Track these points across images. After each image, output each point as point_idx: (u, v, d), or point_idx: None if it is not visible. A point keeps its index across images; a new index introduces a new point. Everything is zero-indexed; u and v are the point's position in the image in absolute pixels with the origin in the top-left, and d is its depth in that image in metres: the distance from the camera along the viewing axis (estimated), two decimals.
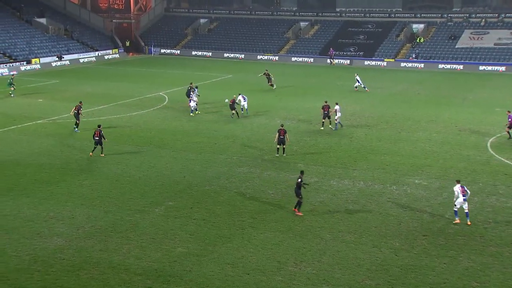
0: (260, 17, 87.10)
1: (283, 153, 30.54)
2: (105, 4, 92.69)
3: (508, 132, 34.21)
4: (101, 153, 30.03)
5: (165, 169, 28.16)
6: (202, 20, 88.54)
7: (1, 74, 60.87)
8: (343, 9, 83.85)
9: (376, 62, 72.44)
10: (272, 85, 52.12)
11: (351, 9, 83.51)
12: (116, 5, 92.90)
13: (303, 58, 75.92)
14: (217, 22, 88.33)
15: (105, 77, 58.41)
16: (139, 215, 22.31)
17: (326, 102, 37.63)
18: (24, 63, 65.54)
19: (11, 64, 63.78)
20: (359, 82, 51.12)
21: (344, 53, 75.43)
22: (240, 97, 40.24)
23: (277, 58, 77.09)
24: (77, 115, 35.25)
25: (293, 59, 76.03)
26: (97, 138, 29.77)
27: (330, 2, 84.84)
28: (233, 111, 39.50)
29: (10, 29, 71.99)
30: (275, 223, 21.74)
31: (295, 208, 22.63)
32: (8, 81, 48.42)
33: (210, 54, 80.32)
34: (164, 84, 53.96)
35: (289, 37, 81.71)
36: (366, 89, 51.09)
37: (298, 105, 44.93)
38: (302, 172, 23.29)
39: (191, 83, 43.36)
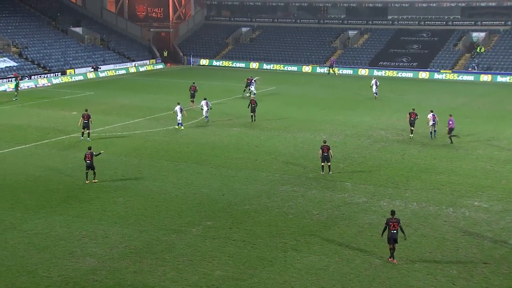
0: (306, 25, 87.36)
1: (329, 171, 30.43)
2: (143, 12, 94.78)
3: (450, 137, 36.80)
4: (94, 178, 28.84)
5: (203, 187, 28.40)
6: (243, 29, 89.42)
7: (36, 86, 62.83)
8: (396, 16, 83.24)
9: (432, 73, 71.48)
10: (248, 92, 53.82)
11: (404, 17, 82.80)
12: (154, 13, 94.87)
13: (352, 69, 75.58)
14: (260, 31, 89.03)
15: (141, 89, 59.56)
16: (175, 235, 22.54)
17: (413, 109, 39.25)
18: (59, 74, 67.52)
19: (45, 75, 65.81)
20: (376, 87, 53.67)
21: (396, 64, 74.77)
22: (203, 102, 42.47)
23: (324, 70, 76.95)
24: (87, 124, 36.70)
25: (340, 70, 75.76)
26: (89, 161, 28.59)
27: (381, 10, 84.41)
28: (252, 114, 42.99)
29: (45, 39, 74.41)
30: (320, 246, 21.59)
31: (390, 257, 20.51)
32: (15, 83, 52.55)
33: (252, 64, 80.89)
34: (203, 96, 54.52)
35: (337, 46, 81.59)
36: (376, 95, 53.59)
37: (345, 120, 44.70)
38: (393, 213, 20.75)
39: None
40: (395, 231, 20.11)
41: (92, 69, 71.80)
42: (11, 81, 60.86)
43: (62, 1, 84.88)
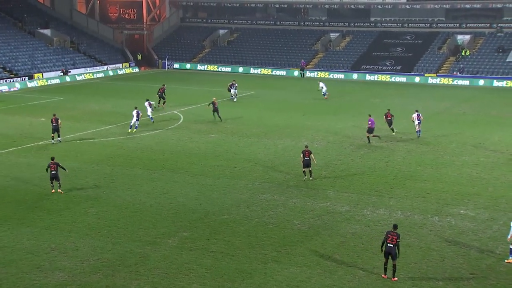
0: (286, 27, 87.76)
1: (310, 176, 30.63)
2: (115, 13, 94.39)
3: (368, 137, 38.55)
4: (59, 189, 28.41)
5: (179, 196, 28.32)
6: (221, 31, 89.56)
7: (1, 91, 62.13)
8: (378, 18, 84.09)
9: (416, 77, 72.25)
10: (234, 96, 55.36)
11: (387, 19, 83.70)
12: (127, 14, 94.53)
13: (333, 73, 76.08)
14: (238, 33, 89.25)
15: (114, 94, 59.25)
16: (150, 247, 22.42)
17: (388, 110, 41.43)
18: (26, 78, 66.85)
19: (11, 80, 65.10)
20: (324, 89, 57.04)
21: (380, 67, 75.44)
22: (146, 104, 44.07)
23: (308, 74, 77.27)
24: (56, 127, 37.95)
25: (323, 73, 76.18)
26: (54, 172, 28.17)
27: (363, 11, 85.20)
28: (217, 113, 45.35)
29: (11, 42, 73.66)
30: (302, 257, 21.64)
31: (393, 277, 20.07)
32: None
33: (229, 68, 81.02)
34: (179, 101, 54.48)
35: (318, 49, 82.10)
36: (325, 95, 56.93)
37: (328, 125, 44.92)
38: (395, 227, 20.38)
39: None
40: (391, 245, 19.80)
41: (62, 73, 71.23)
42: None
43: (29, 1, 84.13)
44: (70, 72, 72.19)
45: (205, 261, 21.27)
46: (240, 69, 79.98)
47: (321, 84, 58.37)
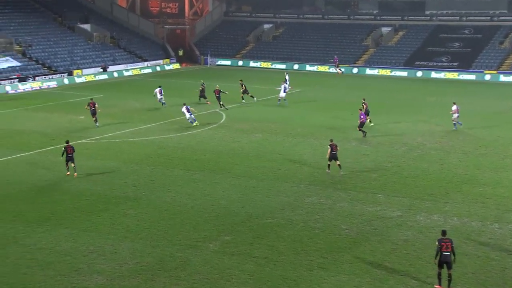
0: (334, 21, 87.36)
1: (340, 169, 31.76)
2: (157, 8, 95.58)
3: (361, 130, 39.93)
4: (75, 172, 31.35)
5: (221, 198, 28.49)
6: (266, 26, 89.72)
7: (40, 87, 63.67)
8: (434, 11, 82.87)
9: (474, 74, 70.91)
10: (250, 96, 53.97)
11: (444, 12, 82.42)
12: (168, 9, 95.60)
13: (385, 70, 75.33)
14: (284, 28, 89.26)
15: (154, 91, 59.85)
16: (190, 251, 22.62)
17: (364, 99, 44.02)
18: (65, 75, 68.32)
19: (50, 76, 66.65)
20: (286, 83, 56.54)
21: (435, 64, 74.34)
22: (183, 109, 43.48)
23: (356, 70, 76.82)
24: (94, 112, 42.98)
25: (372, 71, 75.54)
26: (70, 154, 31.25)
27: (418, 4, 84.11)
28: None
29: (51, 37, 75.44)
30: (350, 265, 21.50)
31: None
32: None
33: (275, 64, 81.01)
34: (222, 99, 54.73)
35: (368, 44, 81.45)
36: (289, 87, 56.42)
37: (378, 125, 44.49)
38: (444, 233, 20.21)
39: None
40: (448, 253, 19.51)
41: (101, 70, 72.53)
42: (13, 82, 61.77)
43: None
44: (109, 68, 73.40)
45: (248, 266, 21.33)
46: (296, 66, 79.51)
47: (286, 77, 59.39)
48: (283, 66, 79.33)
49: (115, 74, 73.16)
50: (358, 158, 35.56)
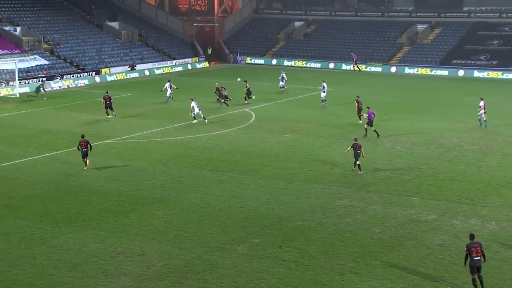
0: (368, 18, 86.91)
1: (360, 169, 32.12)
2: (185, 5, 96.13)
3: (366, 129, 40.48)
4: (85, 166, 33.08)
5: (250, 200, 28.54)
6: (297, 23, 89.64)
7: (68, 86, 64.52)
8: (472, 8, 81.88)
9: None
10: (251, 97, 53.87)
11: (483, 8, 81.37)
12: (197, 6, 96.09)
13: (420, 69, 74.68)
14: (315, 26, 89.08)
15: (183, 90, 60.28)
16: (218, 253, 22.71)
17: (358, 96, 45.02)
18: (93, 73, 69.11)
19: (78, 75, 67.49)
20: (282, 81, 58.28)
21: (473, 62, 73.44)
22: (193, 104, 44.25)
23: (394, 69, 76.32)
24: (110, 105, 46.25)
25: (411, 69, 74.93)
26: (85, 149, 32.82)
27: (455, 0, 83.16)
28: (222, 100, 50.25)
29: (79, 35, 76.40)
30: (382, 270, 21.36)
31: None
32: (39, 84, 56.61)
33: (305, 63, 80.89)
34: (250, 99, 54.86)
35: (403, 42, 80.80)
36: (283, 88, 58.17)
37: (412, 126, 44.19)
38: (473, 237, 20.15)
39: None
40: (478, 258, 19.40)
41: (129, 68, 73.20)
42: (41, 81, 62.71)
43: None
44: (137, 67, 73.98)
45: (277, 270, 21.33)
46: (331, 65, 79.08)
47: (283, 74, 59.90)
48: (318, 65, 79.14)
49: (146, 72, 73.71)
50: (391, 159, 35.32)
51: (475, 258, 19.31)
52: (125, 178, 31.74)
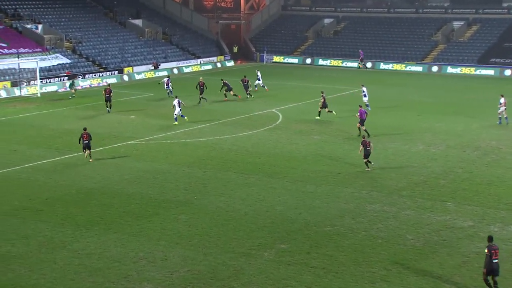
0: (401, 15, 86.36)
1: (367, 166, 33.17)
2: (211, 2, 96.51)
3: (359, 128, 40.58)
4: (90, 158, 35.08)
5: (276, 204, 28.52)
6: (326, 20, 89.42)
7: (90, 86, 65.15)
8: None
9: None
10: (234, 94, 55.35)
11: None
12: (223, 3, 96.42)
13: (456, 68, 73.98)
14: (346, 23, 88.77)
15: (207, 90, 60.46)
16: (244, 259, 22.73)
17: (322, 92, 46.18)
18: (116, 72, 69.68)
19: (100, 74, 68.12)
20: (259, 80, 59.01)
21: None
22: (175, 102, 44.87)
23: (421, 68, 75.77)
24: (109, 98, 48.49)
25: (454, 69, 74.19)
26: (86, 141, 34.92)
27: None
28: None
29: (101, 33, 77.11)
30: (415, 278, 21.20)
31: None
32: (72, 81, 57.79)
33: (335, 61, 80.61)
34: (277, 99, 54.95)
35: (438, 40, 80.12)
36: (264, 87, 58.66)
37: (447, 127, 43.81)
38: (491, 239, 20.16)
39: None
40: (497, 261, 19.44)
41: (153, 67, 73.63)
42: (62, 80, 63.39)
43: None
44: (160, 65, 74.37)
45: (305, 277, 21.28)
46: (369, 64, 78.65)
47: (258, 73, 60.57)
48: (354, 64, 78.78)
49: (175, 71, 74.16)
50: (425, 162, 35.05)
51: (494, 261, 19.47)
52: (148, 181, 31.93)
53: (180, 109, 44.71)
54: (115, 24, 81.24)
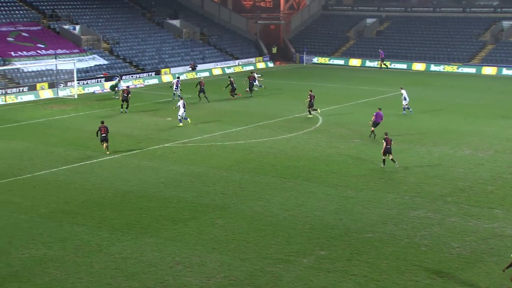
0: (447, 14, 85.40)
1: (395, 162, 34.06)
2: (250, 1, 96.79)
3: (372, 130, 41.30)
4: (107, 151, 37.38)
5: (316, 209, 28.45)
6: (369, 20, 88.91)
7: (127, 87, 65.76)
8: None
9: None
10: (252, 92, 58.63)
11: None
12: (262, 2, 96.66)
13: (505, 69, 72.82)
14: (389, 22, 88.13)
15: (245, 92, 60.67)
16: (282, 265, 22.72)
17: (310, 91, 47.69)
18: (153, 73, 70.32)
19: (137, 75, 68.82)
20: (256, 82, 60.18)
21: None
22: (180, 103, 45.63)
23: (468, 69, 74.83)
24: (126, 98, 49.64)
25: (490, 70, 73.17)
26: (104, 134, 37.16)
27: None
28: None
29: (139, 34, 77.92)
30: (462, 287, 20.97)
31: None
32: (115, 82, 58.86)
33: (394, 64, 79.64)
34: (317, 101, 54.74)
35: (486, 40, 79.01)
36: (262, 86, 60.46)
37: (495, 131, 43.20)
38: None
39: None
40: None
41: (190, 68, 74.11)
42: (100, 81, 64.21)
43: None
44: (197, 67, 74.79)
45: (345, 285, 21.19)
46: (419, 66, 77.86)
47: (256, 75, 61.86)
48: (403, 66, 78.15)
49: (217, 71, 74.55)
50: (472, 167, 34.60)
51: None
52: (185, 184, 32.16)
53: (184, 111, 45.37)
54: (152, 24, 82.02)
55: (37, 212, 28.17)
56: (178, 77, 57.77)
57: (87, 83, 63.50)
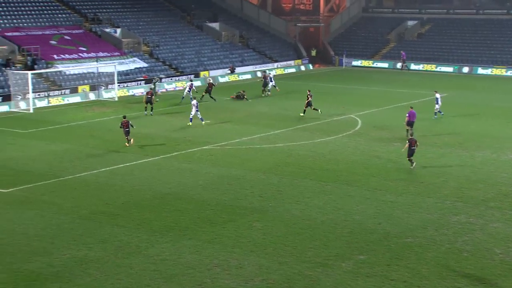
0: (491, 17, 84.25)
1: (412, 164, 34.49)
2: (289, 4, 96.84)
3: (407, 130, 40.86)
4: (130, 142, 39.78)
5: (355, 213, 28.29)
6: (410, 22, 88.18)
7: (167, 89, 66.42)
8: None
9: None
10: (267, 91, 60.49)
11: None
12: (302, 5, 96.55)
13: None
14: (430, 25, 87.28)
15: (284, 95, 60.75)
16: (320, 269, 22.64)
17: (309, 90, 48.63)
18: (192, 76, 70.75)
19: (177, 78, 69.34)
20: (272, 81, 61.26)
21: None
22: (194, 102, 46.95)
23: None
24: (150, 100, 50.35)
25: None
26: (127, 129, 39.57)
27: None
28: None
29: (178, 36, 78.59)
30: None
31: None
32: (153, 85, 58.93)
33: (435, 66, 78.93)
34: (357, 104, 54.57)
35: None
36: (276, 88, 61.47)
37: None
38: None
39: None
40: None
41: (229, 71, 74.40)
42: (139, 84, 64.87)
43: None
44: (236, 70, 75.03)
45: None
46: (465, 69, 77.03)
47: (271, 75, 62.80)
48: (449, 69, 77.39)
49: (243, 76, 74.72)
50: None
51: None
52: (223, 187, 32.27)
53: (197, 111, 46.17)
54: (192, 27, 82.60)
55: (78, 213, 28.55)
56: (192, 81, 58.17)
57: (127, 86, 64.21)
